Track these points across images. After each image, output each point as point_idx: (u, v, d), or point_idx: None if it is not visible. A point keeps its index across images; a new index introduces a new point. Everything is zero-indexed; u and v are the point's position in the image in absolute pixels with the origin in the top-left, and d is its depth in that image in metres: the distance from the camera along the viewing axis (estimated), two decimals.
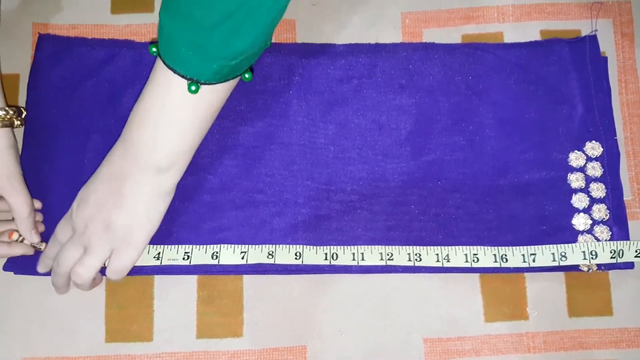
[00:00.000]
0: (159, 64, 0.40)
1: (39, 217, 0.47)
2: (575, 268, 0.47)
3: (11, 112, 0.45)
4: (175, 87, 0.39)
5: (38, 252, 0.46)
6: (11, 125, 0.44)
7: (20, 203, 0.44)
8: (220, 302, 0.47)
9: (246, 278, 0.48)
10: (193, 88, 0.39)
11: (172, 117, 0.40)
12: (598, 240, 0.47)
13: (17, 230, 0.46)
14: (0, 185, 0.43)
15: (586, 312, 0.48)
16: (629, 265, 0.47)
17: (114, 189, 0.42)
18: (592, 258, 0.46)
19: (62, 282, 0.44)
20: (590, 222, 0.48)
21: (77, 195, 0.44)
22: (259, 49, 0.39)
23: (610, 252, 0.46)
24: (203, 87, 0.39)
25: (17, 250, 0.45)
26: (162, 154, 0.41)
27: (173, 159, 0.42)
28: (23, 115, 0.47)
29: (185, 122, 0.41)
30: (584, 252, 0.47)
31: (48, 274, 0.46)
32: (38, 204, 0.47)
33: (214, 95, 0.40)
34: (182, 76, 0.38)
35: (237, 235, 0.47)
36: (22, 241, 0.46)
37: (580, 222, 0.48)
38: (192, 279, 0.47)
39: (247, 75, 0.41)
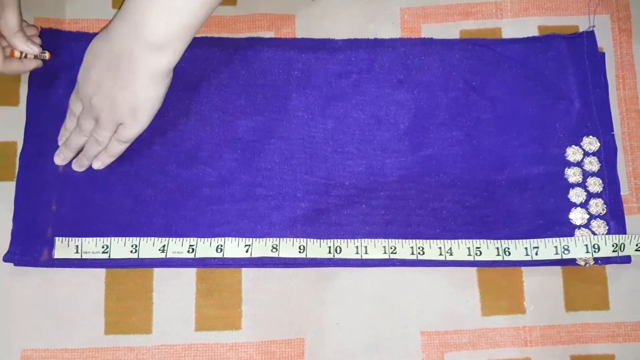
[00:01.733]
0: None
1: (34, 31, 0.49)
2: (572, 262, 0.47)
3: None
4: None
5: (37, 238, 0.46)
6: None
7: (11, 16, 0.45)
8: (219, 295, 0.47)
9: (245, 271, 0.48)
10: None
11: None
12: (595, 234, 0.48)
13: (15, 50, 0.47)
14: None
15: (583, 306, 0.48)
16: (626, 260, 0.47)
17: (114, 67, 0.43)
18: (594, 251, 0.47)
19: (78, 145, 0.47)
20: (587, 216, 0.48)
21: (81, 68, 0.45)
22: None
23: (613, 246, 0.47)
24: None
25: (31, 65, 0.48)
26: (161, 30, 0.41)
27: (171, 36, 0.41)
28: None
29: None
30: (586, 245, 0.47)
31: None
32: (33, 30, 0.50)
33: None
34: None
35: (236, 228, 0.47)
36: (26, 56, 0.47)
37: (577, 216, 0.48)
38: (191, 272, 0.48)
39: None
